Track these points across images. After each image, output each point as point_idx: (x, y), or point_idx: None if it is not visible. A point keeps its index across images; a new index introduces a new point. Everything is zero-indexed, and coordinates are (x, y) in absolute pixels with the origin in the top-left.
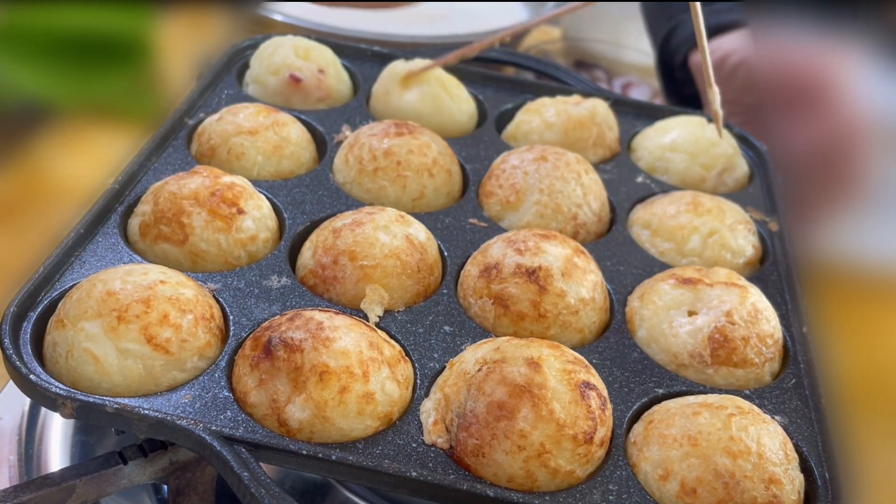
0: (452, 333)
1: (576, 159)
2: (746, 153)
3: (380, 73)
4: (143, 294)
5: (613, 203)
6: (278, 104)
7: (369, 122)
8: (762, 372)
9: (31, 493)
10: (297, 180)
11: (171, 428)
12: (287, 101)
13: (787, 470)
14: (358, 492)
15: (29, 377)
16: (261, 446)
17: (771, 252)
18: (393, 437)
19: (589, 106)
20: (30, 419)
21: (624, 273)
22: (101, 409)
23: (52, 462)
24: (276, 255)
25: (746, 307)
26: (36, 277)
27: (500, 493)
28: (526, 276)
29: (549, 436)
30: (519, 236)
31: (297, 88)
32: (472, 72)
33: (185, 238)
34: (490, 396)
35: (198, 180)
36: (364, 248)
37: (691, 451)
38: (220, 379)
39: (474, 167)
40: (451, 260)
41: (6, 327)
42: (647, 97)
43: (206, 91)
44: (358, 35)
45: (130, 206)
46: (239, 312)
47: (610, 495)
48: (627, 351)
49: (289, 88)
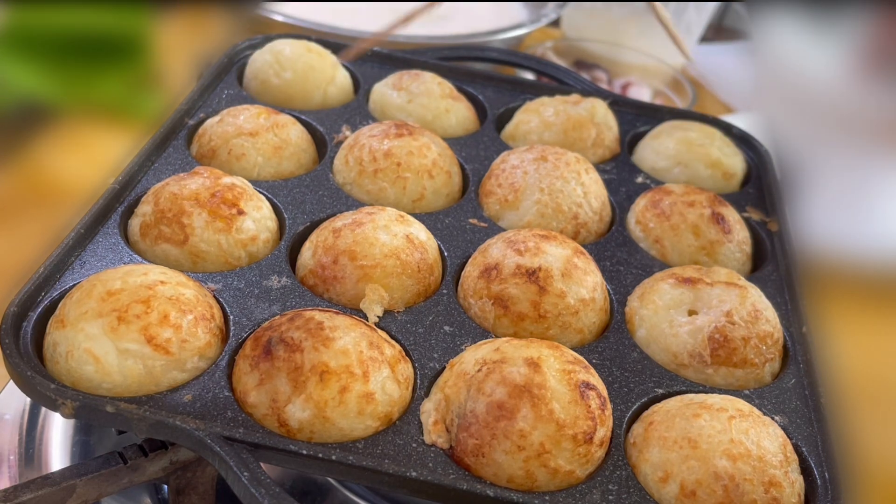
0: (452, 334)
1: (576, 159)
2: (747, 153)
3: (380, 74)
4: (143, 294)
5: (613, 203)
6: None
7: (369, 123)
8: (762, 372)
9: (31, 493)
10: (298, 181)
11: (171, 428)
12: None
13: (787, 472)
14: (358, 492)
15: (29, 377)
16: (261, 446)
17: (771, 252)
18: (393, 437)
19: (588, 106)
20: (30, 419)
21: (624, 273)
22: (101, 409)
23: (53, 462)
24: (276, 255)
25: (746, 307)
26: (36, 277)
27: (499, 492)
28: (526, 277)
29: (548, 436)
30: (519, 236)
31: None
32: (473, 72)
33: (185, 238)
34: (490, 397)
35: (198, 181)
36: (364, 248)
37: (691, 454)
38: (220, 379)
39: (474, 167)
40: (451, 260)
41: (6, 327)
42: (647, 97)
43: (206, 91)
44: (358, 35)
45: (130, 206)
46: (239, 312)
47: (610, 495)
48: (627, 351)
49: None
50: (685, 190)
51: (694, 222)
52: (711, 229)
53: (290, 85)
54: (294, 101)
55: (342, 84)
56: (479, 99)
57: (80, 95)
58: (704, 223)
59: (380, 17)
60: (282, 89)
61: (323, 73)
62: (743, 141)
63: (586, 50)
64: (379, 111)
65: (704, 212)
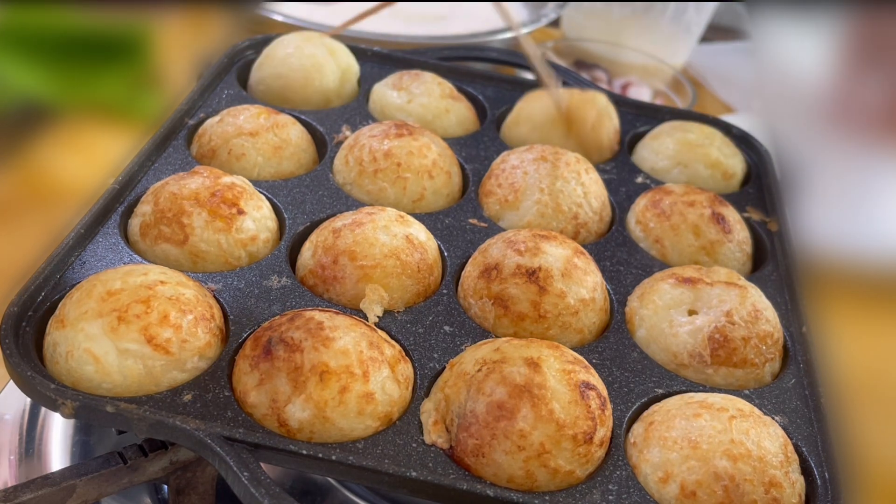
0: (452, 334)
1: (576, 159)
2: (747, 153)
3: (380, 74)
4: (143, 294)
5: (613, 203)
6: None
7: (369, 123)
8: (762, 372)
9: (31, 493)
10: (298, 181)
11: (171, 428)
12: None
13: (788, 473)
14: (358, 492)
15: (29, 377)
16: (261, 446)
17: (771, 252)
18: (393, 437)
19: (590, 94)
20: (30, 419)
21: (624, 273)
22: (101, 409)
23: (52, 462)
24: (276, 255)
25: (746, 307)
26: (36, 277)
27: (499, 492)
28: (526, 277)
29: (548, 436)
30: (519, 236)
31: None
32: (473, 72)
33: (185, 238)
34: (490, 396)
35: (198, 181)
36: (364, 248)
37: (691, 454)
38: (220, 379)
39: (474, 167)
40: (451, 260)
41: (6, 327)
42: (647, 97)
43: (206, 91)
44: (358, 35)
45: (130, 206)
46: (239, 312)
47: (610, 495)
48: (627, 351)
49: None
50: (685, 190)
51: (694, 222)
52: (712, 229)
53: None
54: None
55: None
56: (479, 99)
57: (80, 95)
58: (705, 223)
59: (379, 17)
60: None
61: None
62: (743, 141)
63: (586, 50)
64: (379, 111)
65: (705, 212)
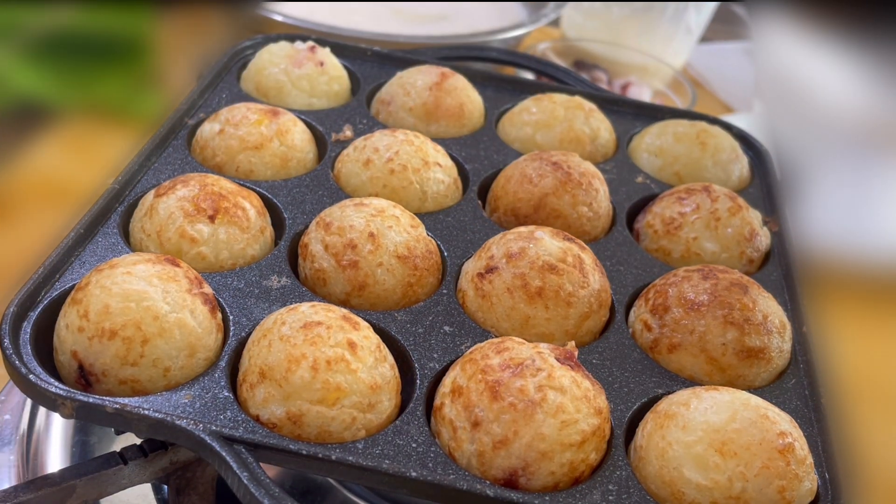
0: (452, 333)
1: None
2: (747, 153)
3: (380, 74)
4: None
5: (613, 203)
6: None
7: (369, 123)
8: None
9: (31, 493)
10: (298, 180)
11: (171, 428)
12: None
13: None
14: (358, 492)
15: (29, 377)
16: (261, 446)
17: (771, 252)
18: (393, 437)
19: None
20: (30, 419)
21: (624, 273)
22: (101, 409)
23: (52, 462)
24: (276, 255)
25: None
26: (36, 277)
27: (499, 492)
28: (526, 277)
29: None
30: (519, 235)
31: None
32: (472, 72)
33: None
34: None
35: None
36: (364, 248)
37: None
38: (219, 379)
39: (474, 167)
40: (451, 260)
41: (6, 327)
42: (647, 97)
43: (206, 91)
44: (358, 35)
45: (131, 206)
46: (239, 312)
47: (610, 495)
48: (627, 351)
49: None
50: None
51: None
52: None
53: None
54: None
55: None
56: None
57: (80, 95)
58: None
59: (379, 17)
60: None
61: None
62: (743, 141)
63: (586, 50)
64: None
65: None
